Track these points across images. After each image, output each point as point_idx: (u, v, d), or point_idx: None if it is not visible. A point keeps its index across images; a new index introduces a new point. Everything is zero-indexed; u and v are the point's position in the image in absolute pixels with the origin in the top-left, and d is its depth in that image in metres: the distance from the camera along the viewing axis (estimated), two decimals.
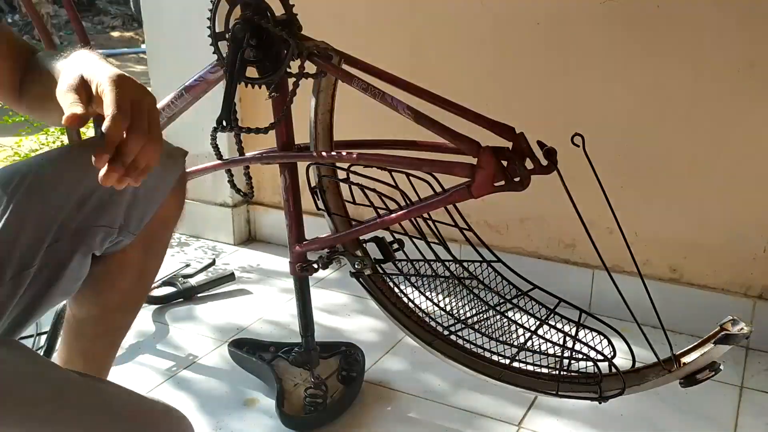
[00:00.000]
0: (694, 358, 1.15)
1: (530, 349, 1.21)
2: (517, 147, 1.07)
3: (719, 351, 1.11)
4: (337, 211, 1.32)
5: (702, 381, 1.14)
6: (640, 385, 1.19)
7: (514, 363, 1.23)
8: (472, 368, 1.26)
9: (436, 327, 1.29)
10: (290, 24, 1.18)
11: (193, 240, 2.38)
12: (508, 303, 1.22)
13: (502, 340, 1.22)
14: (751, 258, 1.68)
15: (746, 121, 1.61)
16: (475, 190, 1.09)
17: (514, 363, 1.23)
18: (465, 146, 1.10)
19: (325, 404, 1.40)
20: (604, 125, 1.74)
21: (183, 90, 1.34)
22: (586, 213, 1.18)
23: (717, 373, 1.13)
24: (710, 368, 1.13)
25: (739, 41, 1.57)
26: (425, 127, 1.11)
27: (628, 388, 1.18)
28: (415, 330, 1.29)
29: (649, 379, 1.19)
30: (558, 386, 1.21)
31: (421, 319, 1.30)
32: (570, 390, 1.21)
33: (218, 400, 1.50)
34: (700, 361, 1.14)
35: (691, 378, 1.15)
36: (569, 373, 1.21)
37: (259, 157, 1.32)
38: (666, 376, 1.17)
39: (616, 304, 1.48)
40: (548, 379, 1.23)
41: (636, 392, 1.21)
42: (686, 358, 1.16)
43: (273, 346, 1.57)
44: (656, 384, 1.19)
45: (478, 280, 1.22)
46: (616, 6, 1.65)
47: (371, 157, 1.18)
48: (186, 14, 2.16)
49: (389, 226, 1.22)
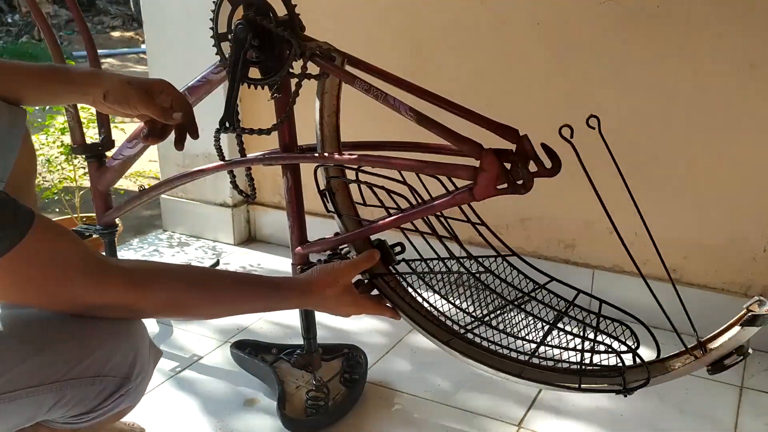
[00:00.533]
0: (721, 342, 1.11)
1: (550, 345, 1.17)
2: (521, 149, 1.07)
3: (747, 333, 1.07)
4: (346, 213, 1.32)
5: (730, 366, 1.10)
6: (666, 374, 1.16)
7: (534, 359, 1.20)
8: (491, 366, 1.23)
9: (452, 326, 1.27)
10: (292, 24, 1.18)
11: (194, 240, 2.38)
12: (526, 296, 1.19)
13: (521, 336, 1.19)
14: (751, 258, 1.69)
15: (746, 121, 1.61)
16: (478, 193, 1.08)
17: (534, 359, 1.20)
18: (467, 148, 1.10)
19: (327, 407, 1.40)
20: (604, 125, 1.73)
21: (186, 91, 1.34)
22: (587, 213, 1.18)
23: (746, 357, 1.09)
24: (738, 352, 1.09)
25: (739, 41, 1.57)
26: (428, 129, 1.11)
27: (654, 378, 1.15)
28: (431, 329, 1.27)
29: (675, 368, 1.15)
30: (580, 380, 1.18)
31: (437, 318, 1.29)
32: (593, 383, 1.18)
33: (219, 400, 1.50)
34: (728, 345, 1.09)
35: (719, 364, 1.11)
36: (591, 366, 1.18)
37: (261, 158, 1.31)
38: (693, 363, 1.13)
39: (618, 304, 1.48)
40: (570, 373, 1.20)
41: (661, 382, 1.17)
42: (713, 344, 1.12)
43: (275, 347, 1.57)
44: (682, 372, 1.15)
45: (494, 274, 1.20)
46: (616, 6, 1.66)
47: (374, 159, 1.18)
48: (186, 14, 2.16)
49: (396, 226, 1.22)
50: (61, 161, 2.63)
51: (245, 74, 1.21)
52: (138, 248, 2.31)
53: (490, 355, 1.25)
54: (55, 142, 2.61)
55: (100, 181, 1.63)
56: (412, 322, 1.28)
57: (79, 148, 1.63)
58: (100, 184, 1.63)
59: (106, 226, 1.67)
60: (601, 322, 1.17)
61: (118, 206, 1.64)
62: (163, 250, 2.29)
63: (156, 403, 1.48)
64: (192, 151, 2.30)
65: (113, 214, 1.65)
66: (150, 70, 2.31)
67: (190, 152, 2.31)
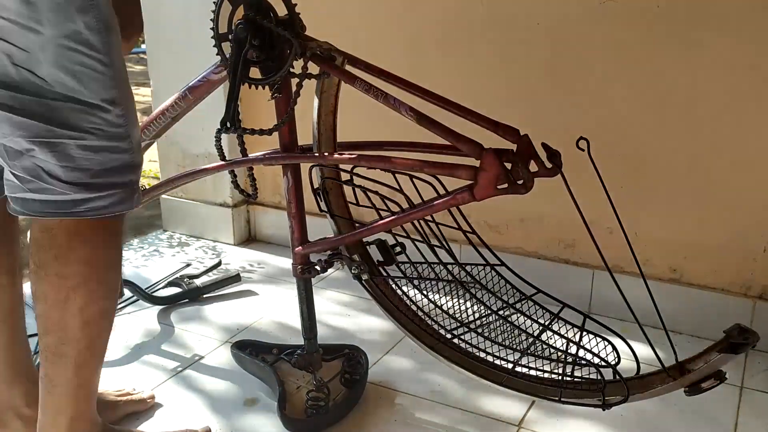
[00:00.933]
0: (699, 366, 1.12)
1: (533, 354, 1.19)
2: (522, 149, 1.07)
3: (723, 360, 1.09)
4: (340, 213, 1.32)
5: (707, 390, 1.11)
6: (644, 392, 1.17)
7: (517, 368, 1.22)
8: (474, 372, 1.25)
9: (439, 330, 1.28)
10: (293, 24, 1.18)
11: (194, 240, 2.38)
12: (511, 308, 1.20)
13: (505, 345, 1.21)
14: (751, 258, 1.69)
15: (746, 121, 1.61)
16: (478, 193, 1.08)
17: (517, 368, 1.22)
18: (467, 148, 1.10)
19: (327, 407, 1.40)
20: (604, 125, 1.75)
21: (186, 91, 1.33)
22: (588, 213, 1.18)
23: (722, 382, 1.10)
24: (715, 377, 1.10)
25: (739, 41, 1.57)
26: (428, 129, 1.11)
27: (632, 396, 1.16)
28: (417, 333, 1.28)
29: (653, 387, 1.16)
30: (561, 392, 1.19)
31: (424, 322, 1.29)
32: (573, 396, 1.20)
33: (220, 399, 1.50)
34: (705, 369, 1.11)
35: (696, 387, 1.12)
36: (573, 378, 1.20)
37: (261, 158, 1.31)
38: (670, 384, 1.14)
39: (617, 304, 1.48)
40: (551, 384, 1.21)
41: (639, 400, 1.19)
42: (691, 365, 1.13)
43: (276, 348, 1.57)
44: (660, 392, 1.16)
45: (480, 284, 1.21)
46: (616, 6, 1.66)
47: (373, 158, 1.18)
48: (186, 14, 2.16)
49: (391, 228, 1.22)
50: None
51: (246, 74, 1.20)
52: (138, 248, 2.31)
53: (474, 362, 1.26)
54: None
55: None
56: (399, 325, 1.29)
57: None
58: None
59: None
60: (584, 336, 1.17)
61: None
62: (164, 251, 2.29)
63: (156, 402, 1.48)
64: (192, 151, 2.30)
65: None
66: (150, 70, 2.31)
67: (190, 152, 2.31)
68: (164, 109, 1.38)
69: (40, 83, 0.95)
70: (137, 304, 1.92)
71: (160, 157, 2.38)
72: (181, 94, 1.34)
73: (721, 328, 1.70)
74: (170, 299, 1.93)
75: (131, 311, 1.88)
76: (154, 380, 1.56)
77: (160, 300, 1.92)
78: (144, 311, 1.88)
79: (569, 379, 1.19)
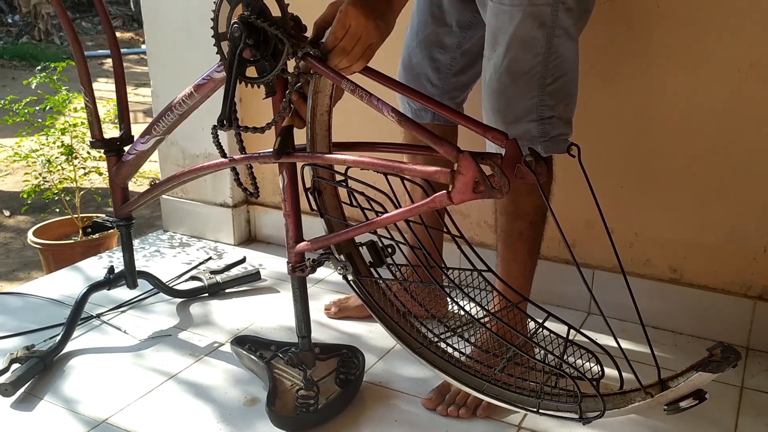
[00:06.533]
0: (679, 384, 1.07)
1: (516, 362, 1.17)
2: (509, 153, 1.05)
3: (703, 379, 1.04)
4: (333, 213, 1.32)
5: (686, 409, 1.07)
6: (622, 408, 1.13)
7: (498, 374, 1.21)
8: (456, 379, 1.25)
9: (425, 334, 1.28)
10: (285, 23, 1.18)
11: (195, 240, 2.38)
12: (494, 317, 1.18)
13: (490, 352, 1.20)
14: (751, 258, 1.68)
15: (746, 121, 1.61)
16: (455, 196, 1.06)
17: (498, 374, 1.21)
18: (444, 150, 1.08)
19: (317, 406, 1.40)
20: (604, 125, 1.74)
21: (193, 88, 1.37)
22: (587, 212, 1.18)
23: (702, 401, 1.06)
24: (695, 396, 1.06)
25: (739, 41, 1.57)
26: (408, 130, 1.10)
27: (608, 411, 1.12)
28: (402, 336, 1.28)
29: (632, 403, 1.12)
30: (539, 404, 1.18)
31: (409, 325, 1.29)
32: (552, 408, 1.18)
33: (220, 399, 1.50)
34: (684, 388, 1.06)
35: (675, 405, 1.07)
36: (552, 390, 1.18)
37: (256, 156, 1.32)
38: (648, 401, 1.10)
39: (616, 304, 1.48)
40: (530, 395, 1.20)
41: (617, 416, 1.15)
42: (672, 383, 1.09)
43: (274, 345, 1.57)
44: (639, 409, 1.12)
45: (464, 292, 1.18)
46: (616, 6, 1.65)
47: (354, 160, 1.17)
48: (186, 14, 2.17)
49: (375, 230, 1.21)
50: (62, 161, 2.63)
51: (242, 73, 1.21)
52: (139, 248, 2.31)
53: (457, 369, 1.26)
54: (55, 143, 2.62)
55: (117, 175, 1.68)
56: (384, 327, 1.29)
57: (98, 143, 1.68)
58: (118, 178, 1.69)
59: (123, 218, 1.74)
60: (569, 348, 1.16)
61: (132, 200, 1.69)
62: (164, 251, 2.30)
63: (156, 402, 1.48)
64: (192, 151, 2.30)
65: (127, 207, 1.72)
66: (150, 70, 2.31)
67: (189, 152, 2.31)
68: (172, 106, 1.42)
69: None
70: (157, 296, 1.96)
71: (160, 157, 2.38)
72: (188, 92, 1.38)
73: (721, 328, 1.71)
74: (190, 293, 1.95)
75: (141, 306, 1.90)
76: (154, 380, 1.56)
77: (180, 293, 1.94)
78: (144, 311, 1.89)
79: (548, 389, 1.17)
